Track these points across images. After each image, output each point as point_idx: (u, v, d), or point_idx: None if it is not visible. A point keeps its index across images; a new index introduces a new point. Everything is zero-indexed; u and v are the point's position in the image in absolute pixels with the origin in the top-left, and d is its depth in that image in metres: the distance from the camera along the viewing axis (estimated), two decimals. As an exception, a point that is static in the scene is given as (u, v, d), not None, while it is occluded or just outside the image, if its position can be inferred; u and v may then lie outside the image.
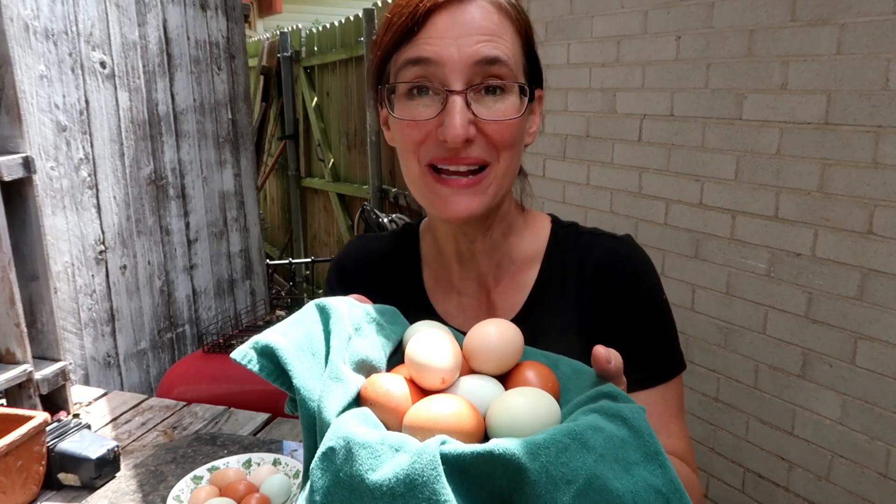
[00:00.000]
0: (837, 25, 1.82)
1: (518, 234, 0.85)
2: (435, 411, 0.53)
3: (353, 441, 0.50)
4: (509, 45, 0.72)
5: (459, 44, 0.70)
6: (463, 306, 0.85)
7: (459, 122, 0.69)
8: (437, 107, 0.71)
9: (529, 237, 0.86)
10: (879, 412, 1.83)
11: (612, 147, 2.57)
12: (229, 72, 3.30)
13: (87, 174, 2.57)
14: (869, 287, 1.82)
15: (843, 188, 1.85)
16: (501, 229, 0.83)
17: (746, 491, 2.23)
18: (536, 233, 0.86)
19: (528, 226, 0.87)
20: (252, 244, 3.56)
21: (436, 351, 0.57)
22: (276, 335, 0.60)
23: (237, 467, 1.36)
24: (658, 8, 2.32)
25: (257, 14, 8.83)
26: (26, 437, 1.28)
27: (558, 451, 0.47)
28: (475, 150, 0.72)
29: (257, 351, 0.59)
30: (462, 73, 0.70)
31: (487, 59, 0.70)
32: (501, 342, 0.59)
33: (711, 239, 2.23)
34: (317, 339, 0.61)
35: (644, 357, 0.79)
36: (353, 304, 0.64)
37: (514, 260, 0.85)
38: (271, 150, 6.20)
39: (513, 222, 0.85)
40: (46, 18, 2.39)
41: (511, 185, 0.79)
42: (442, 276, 0.87)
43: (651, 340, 0.80)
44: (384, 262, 0.91)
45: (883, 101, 1.74)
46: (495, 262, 0.84)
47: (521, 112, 0.73)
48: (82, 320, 2.59)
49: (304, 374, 0.57)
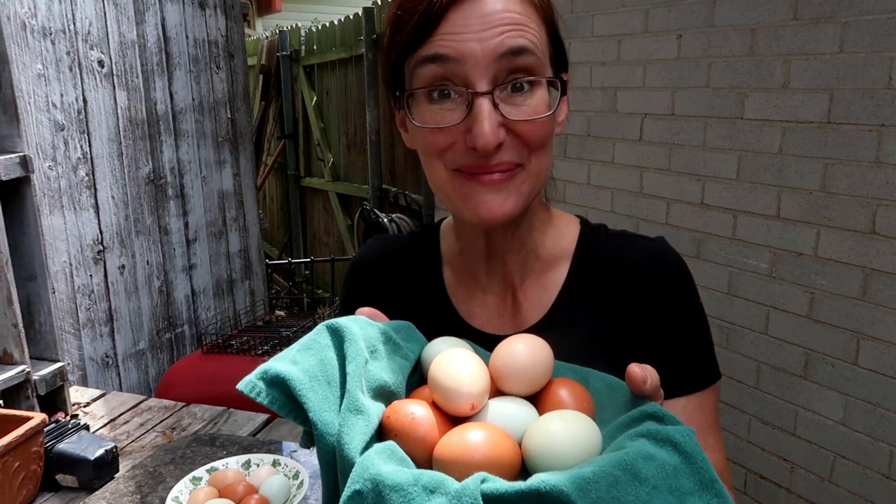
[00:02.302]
0: (840, 24, 1.82)
1: (542, 231, 0.81)
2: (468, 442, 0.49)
3: (382, 483, 0.46)
4: (536, 33, 0.67)
5: (481, 37, 0.64)
6: (487, 305, 0.82)
7: (489, 129, 0.64)
8: (463, 110, 0.66)
9: (555, 235, 0.82)
10: (882, 413, 1.82)
11: (613, 146, 2.57)
12: (228, 71, 3.29)
13: (85, 174, 2.56)
14: (871, 287, 1.81)
15: (846, 187, 1.84)
16: (527, 224, 0.79)
17: (748, 492, 2.23)
18: (563, 232, 0.83)
19: (553, 224, 0.83)
20: (251, 244, 3.55)
21: (463, 373, 0.53)
22: (286, 364, 0.55)
23: (236, 468, 1.35)
24: (659, 6, 2.32)
25: (256, 13, 8.82)
26: (24, 437, 1.27)
27: (609, 486, 0.44)
28: (506, 153, 0.68)
29: (266, 382, 0.54)
30: (486, 69, 0.65)
31: (513, 50, 0.64)
32: (531, 360, 0.55)
33: (713, 238, 2.22)
34: (331, 365, 0.55)
35: (681, 363, 0.76)
36: (367, 324, 0.59)
37: (540, 258, 0.81)
38: (271, 149, 6.20)
39: (536, 218, 0.81)
40: (44, 17, 2.38)
41: (544, 183, 0.75)
42: (465, 275, 0.84)
43: (689, 346, 0.78)
44: (402, 261, 0.88)
45: (886, 100, 1.74)
46: (521, 260, 0.81)
47: (552, 108, 0.68)
48: (80, 321, 2.58)
49: (320, 406, 0.53)
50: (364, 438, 0.50)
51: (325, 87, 5.29)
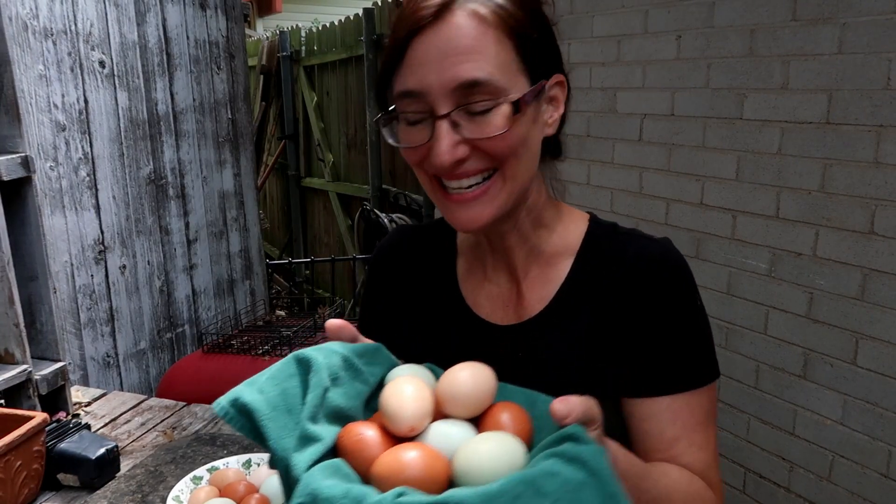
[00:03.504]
0: (839, 24, 1.82)
1: (548, 227, 0.84)
2: (401, 461, 0.54)
3: (319, 495, 0.51)
4: (492, 57, 0.70)
5: (439, 69, 0.70)
6: (492, 296, 0.87)
7: (444, 149, 0.71)
8: (429, 131, 0.72)
9: (561, 231, 0.85)
10: (881, 412, 1.82)
11: (613, 146, 2.57)
12: (229, 71, 3.29)
13: (86, 174, 2.57)
14: (870, 287, 1.82)
15: (845, 188, 1.85)
16: (530, 221, 0.83)
17: (747, 491, 2.23)
18: (570, 228, 0.85)
19: (561, 220, 0.86)
20: (252, 244, 3.55)
21: (405, 399, 0.59)
22: (253, 393, 0.61)
23: (237, 468, 1.35)
24: (659, 7, 2.32)
25: (257, 13, 8.82)
26: (25, 437, 1.27)
27: (512, 499, 0.48)
28: (473, 163, 0.73)
29: (236, 409, 0.60)
30: (446, 97, 0.70)
31: (465, 84, 0.69)
32: (473, 386, 0.60)
33: (712, 239, 2.23)
34: (293, 395, 0.61)
35: (671, 361, 0.79)
36: (332, 353, 0.64)
37: (544, 252, 0.84)
38: (271, 149, 6.20)
39: (542, 214, 0.84)
40: (45, 18, 2.38)
41: (526, 184, 0.78)
42: (475, 267, 0.89)
43: (679, 345, 0.79)
44: (421, 250, 0.93)
45: (884, 100, 1.74)
46: (525, 253, 0.84)
47: (511, 124, 0.71)
48: (82, 320, 2.58)
49: (278, 434, 0.58)
50: (311, 459, 0.56)
51: (325, 87, 5.29)
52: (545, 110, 0.77)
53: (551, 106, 0.78)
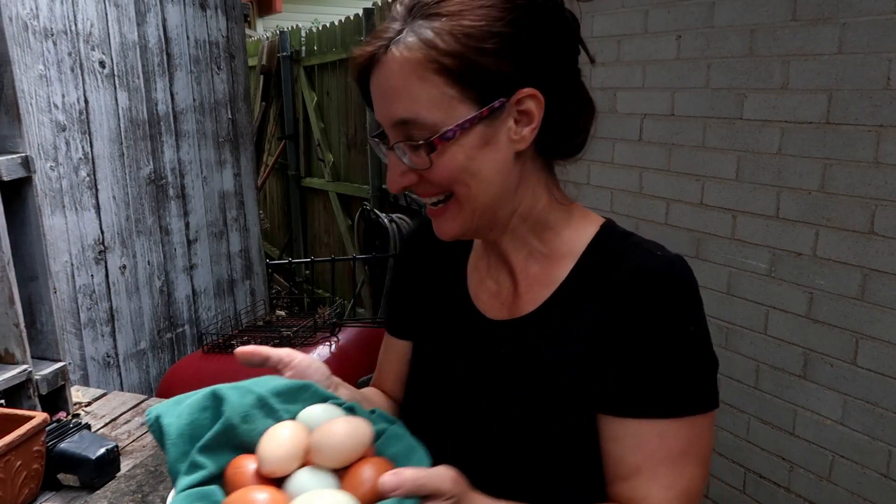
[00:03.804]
0: (838, 24, 1.82)
1: (554, 230, 0.84)
2: (248, 499, 0.62)
3: None
4: (417, 95, 0.72)
5: (380, 107, 0.76)
6: (491, 291, 0.88)
7: (392, 177, 0.78)
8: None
9: (568, 233, 0.83)
10: (881, 412, 1.82)
11: (613, 146, 2.57)
12: (229, 71, 3.29)
13: (86, 174, 2.57)
14: (870, 287, 1.82)
15: (845, 187, 1.85)
16: (528, 226, 0.83)
17: (747, 491, 2.23)
18: (579, 231, 0.84)
19: (570, 222, 0.84)
20: (252, 244, 3.55)
21: (274, 443, 0.66)
22: (171, 416, 0.71)
23: None
24: (659, 7, 2.32)
25: (257, 13, 8.82)
26: (26, 437, 1.27)
27: None
28: (424, 188, 0.77)
29: (157, 425, 0.71)
30: (391, 131, 0.76)
31: (398, 122, 0.74)
32: (341, 439, 0.65)
33: (712, 239, 2.23)
34: (200, 426, 0.70)
35: (645, 384, 0.74)
36: (248, 391, 0.72)
37: (545, 254, 0.84)
38: (271, 149, 6.20)
39: (545, 217, 0.83)
40: (45, 18, 2.38)
41: (495, 202, 0.78)
42: (481, 263, 0.90)
43: (657, 368, 0.73)
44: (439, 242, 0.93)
45: (884, 100, 1.74)
46: (525, 255, 0.84)
47: (441, 157, 0.73)
48: (82, 320, 2.58)
49: (176, 458, 0.68)
50: (190, 484, 0.65)
51: (325, 87, 5.29)
52: (510, 128, 0.75)
53: (523, 120, 0.75)
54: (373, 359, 2.33)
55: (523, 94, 0.74)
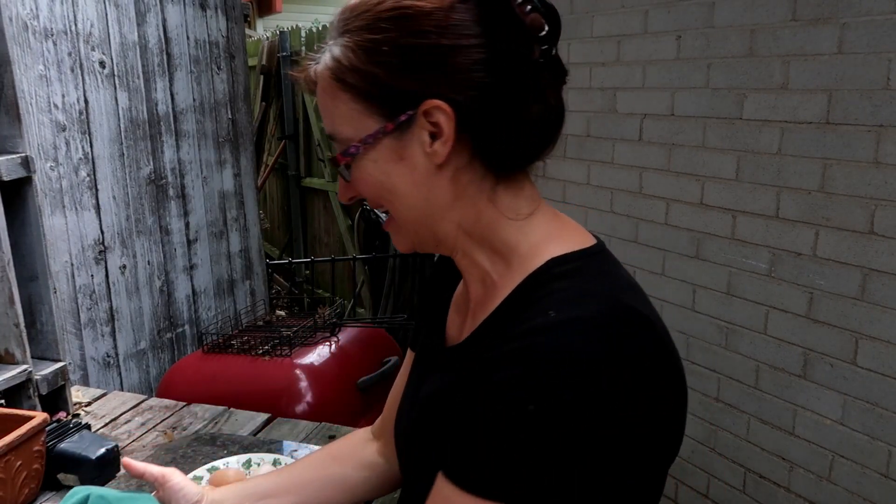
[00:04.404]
0: (838, 24, 1.82)
1: (501, 255, 0.76)
2: None
3: None
4: (332, 111, 0.75)
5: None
6: (453, 319, 0.88)
7: (339, 191, 0.80)
8: None
9: (518, 261, 0.75)
10: (881, 412, 1.82)
11: (613, 147, 2.57)
12: (229, 71, 3.29)
13: (86, 174, 2.57)
14: (870, 287, 1.82)
15: (845, 188, 1.85)
16: (476, 244, 0.77)
17: (747, 491, 2.23)
18: (524, 263, 0.74)
19: (517, 251, 0.75)
20: (252, 244, 3.55)
21: None
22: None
23: (237, 467, 1.35)
24: (658, 7, 2.32)
25: (257, 13, 8.83)
26: (26, 437, 1.27)
27: None
28: (368, 200, 0.79)
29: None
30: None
31: (330, 137, 0.77)
32: None
33: (712, 239, 2.23)
34: None
35: (461, 444, 0.67)
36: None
37: (494, 281, 0.77)
38: (271, 149, 6.20)
39: (490, 238, 0.76)
40: (45, 18, 2.39)
41: (423, 217, 0.75)
42: (461, 293, 0.89)
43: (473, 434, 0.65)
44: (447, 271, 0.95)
45: (884, 100, 1.74)
46: (477, 278, 0.80)
47: (356, 171, 0.75)
48: (82, 320, 2.58)
49: None
50: None
51: (325, 87, 5.29)
52: (423, 142, 0.71)
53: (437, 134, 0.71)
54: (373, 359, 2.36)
55: (429, 107, 0.70)
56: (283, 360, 2.46)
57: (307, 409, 2.32)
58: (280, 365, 2.45)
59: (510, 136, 0.72)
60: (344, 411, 2.39)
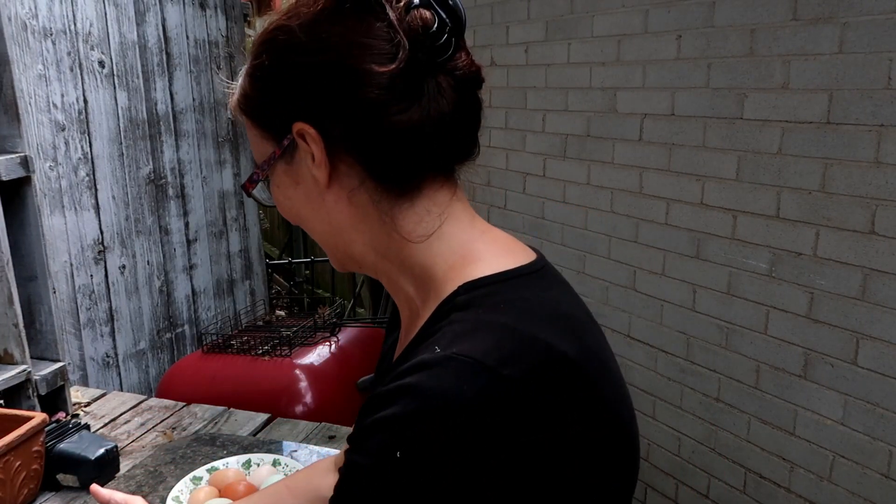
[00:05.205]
0: (839, 24, 1.82)
1: (424, 283, 0.70)
2: None
3: None
4: (249, 137, 0.75)
5: None
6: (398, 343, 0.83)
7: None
8: None
9: (432, 290, 0.69)
10: (881, 412, 1.82)
11: (613, 146, 2.57)
12: (229, 71, 3.29)
13: (85, 174, 2.57)
14: (871, 287, 1.81)
15: (845, 187, 1.84)
16: (396, 267, 0.72)
17: (748, 491, 2.23)
18: (438, 289, 0.69)
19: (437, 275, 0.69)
20: (252, 244, 3.55)
21: None
22: None
23: (237, 468, 1.35)
24: (659, 7, 2.32)
25: (256, 13, 8.82)
26: (25, 437, 1.27)
27: None
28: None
29: None
30: None
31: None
32: None
33: (712, 239, 2.23)
34: None
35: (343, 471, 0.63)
36: None
37: (414, 311, 0.73)
38: (271, 149, 6.19)
39: (402, 260, 0.71)
40: (45, 18, 2.38)
41: (331, 240, 0.73)
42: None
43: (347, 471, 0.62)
44: None
45: (885, 100, 1.74)
46: (402, 301, 0.75)
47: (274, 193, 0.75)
48: (81, 321, 2.58)
49: None
50: None
51: (325, 87, 5.29)
52: (308, 165, 0.68)
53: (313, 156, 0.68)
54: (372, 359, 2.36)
55: (298, 130, 0.67)
56: (282, 361, 2.46)
57: (307, 410, 2.32)
58: (280, 365, 2.44)
59: (387, 151, 0.66)
60: (344, 411, 2.39)
